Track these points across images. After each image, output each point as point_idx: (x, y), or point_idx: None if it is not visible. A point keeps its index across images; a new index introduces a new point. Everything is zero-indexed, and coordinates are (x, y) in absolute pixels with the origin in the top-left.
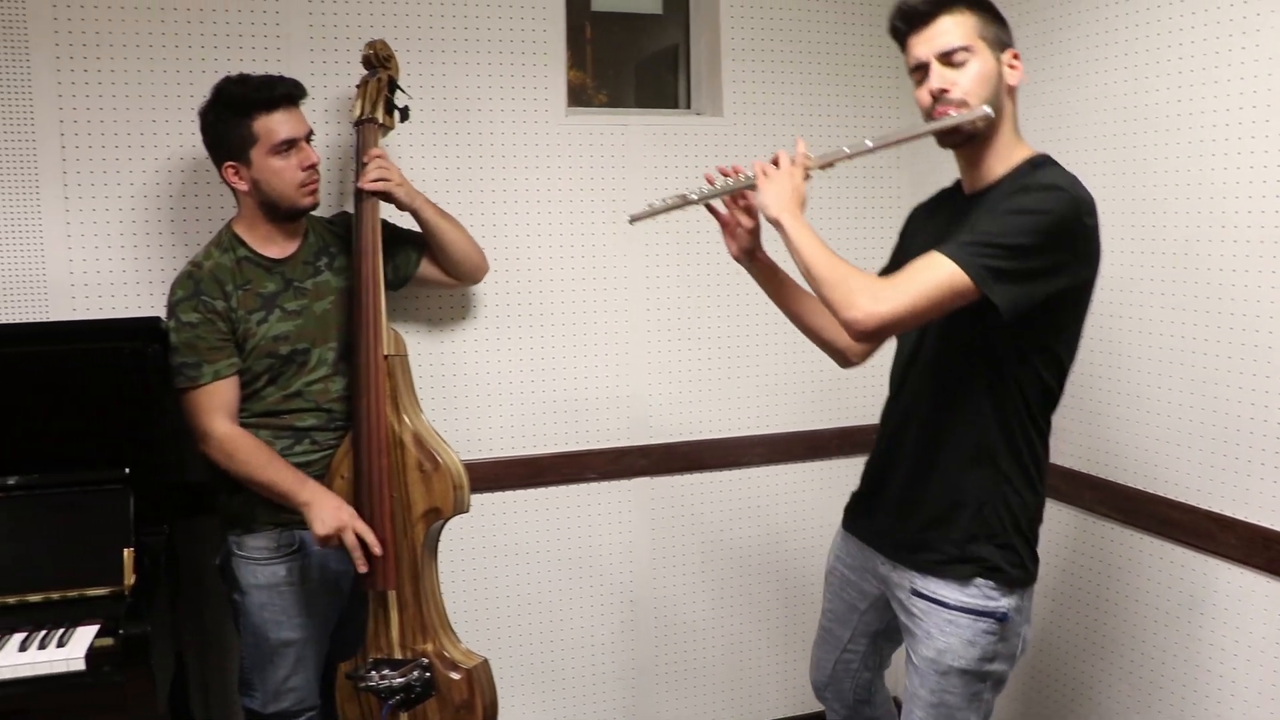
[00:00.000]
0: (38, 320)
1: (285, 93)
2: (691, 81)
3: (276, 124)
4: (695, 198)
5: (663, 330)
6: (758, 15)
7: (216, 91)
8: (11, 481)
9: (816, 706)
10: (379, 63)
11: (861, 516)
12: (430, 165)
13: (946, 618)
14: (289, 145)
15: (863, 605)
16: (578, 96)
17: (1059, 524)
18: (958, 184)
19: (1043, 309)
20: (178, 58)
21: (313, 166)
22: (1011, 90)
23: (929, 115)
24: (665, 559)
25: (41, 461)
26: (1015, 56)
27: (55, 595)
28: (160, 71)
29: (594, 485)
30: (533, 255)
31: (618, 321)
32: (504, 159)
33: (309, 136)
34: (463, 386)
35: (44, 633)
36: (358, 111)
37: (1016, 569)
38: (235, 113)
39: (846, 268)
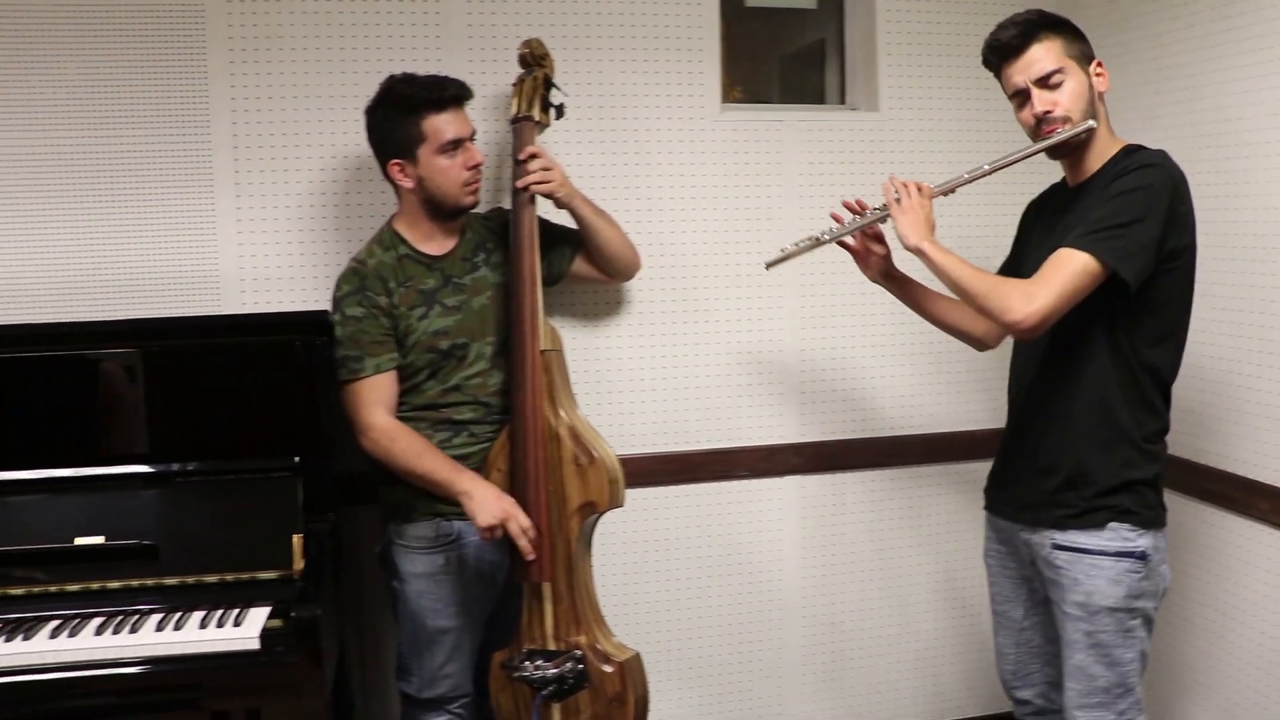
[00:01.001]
0: (209, 314)
1: (454, 94)
2: (846, 76)
3: (445, 124)
4: (827, 238)
5: (815, 327)
6: (915, 6)
7: (385, 90)
8: (190, 468)
9: (960, 713)
10: (535, 61)
11: (997, 491)
12: (584, 162)
13: (1090, 562)
14: (455, 145)
15: (1026, 573)
16: None
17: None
18: (1062, 179)
19: (1156, 273)
20: (342, 59)
21: (477, 166)
22: (1101, 95)
23: (1035, 134)
24: (815, 558)
25: (216, 449)
26: (1099, 65)
27: (229, 577)
28: (326, 73)
29: (745, 483)
30: (685, 252)
31: (770, 318)
32: (657, 156)
33: (473, 136)
34: (615, 382)
35: (220, 612)
36: (514, 109)
37: (1148, 510)
38: (404, 111)
39: (991, 278)
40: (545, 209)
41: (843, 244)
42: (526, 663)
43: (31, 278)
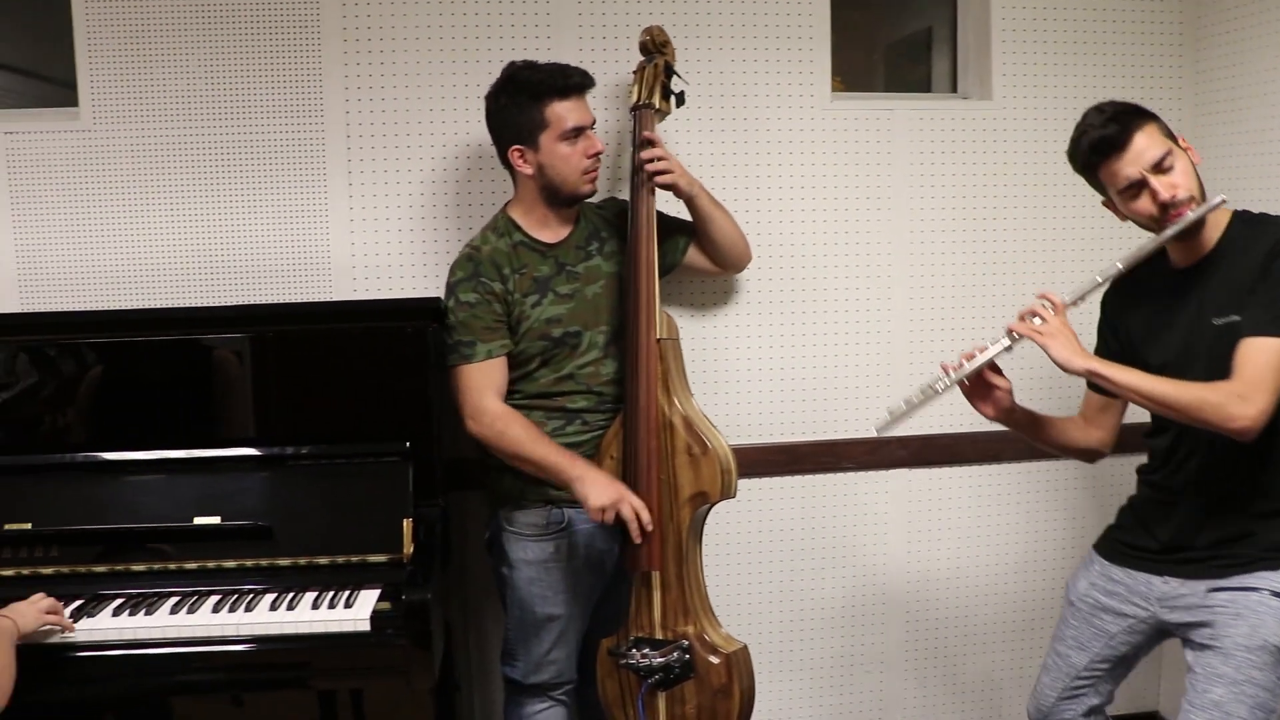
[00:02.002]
0: (321, 300)
1: (578, 82)
2: (958, 63)
3: (567, 111)
4: (942, 388)
5: (924, 320)
6: None
7: (508, 76)
8: (303, 452)
9: None
10: (656, 48)
11: (1129, 548)
12: (697, 150)
13: (1256, 599)
14: (577, 132)
15: (1115, 628)
16: None
17: None
18: (1157, 263)
19: None
20: (453, 49)
21: (597, 155)
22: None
23: (1160, 222)
24: (919, 552)
25: (328, 433)
26: (1183, 140)
27: (340, 559)
28: (437, 63)
29: (851, 475)
30: (795, 242)
31: (879, 310)
32: (769, 144)
33: (592, 125)
34: (723, 371)
35: (332, 593)
36: (635, 97)
37: None
38: (528, 97)
39: (1190, 386)
40: (662, 200)
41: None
42: (633, 650)
43: (151, 263)
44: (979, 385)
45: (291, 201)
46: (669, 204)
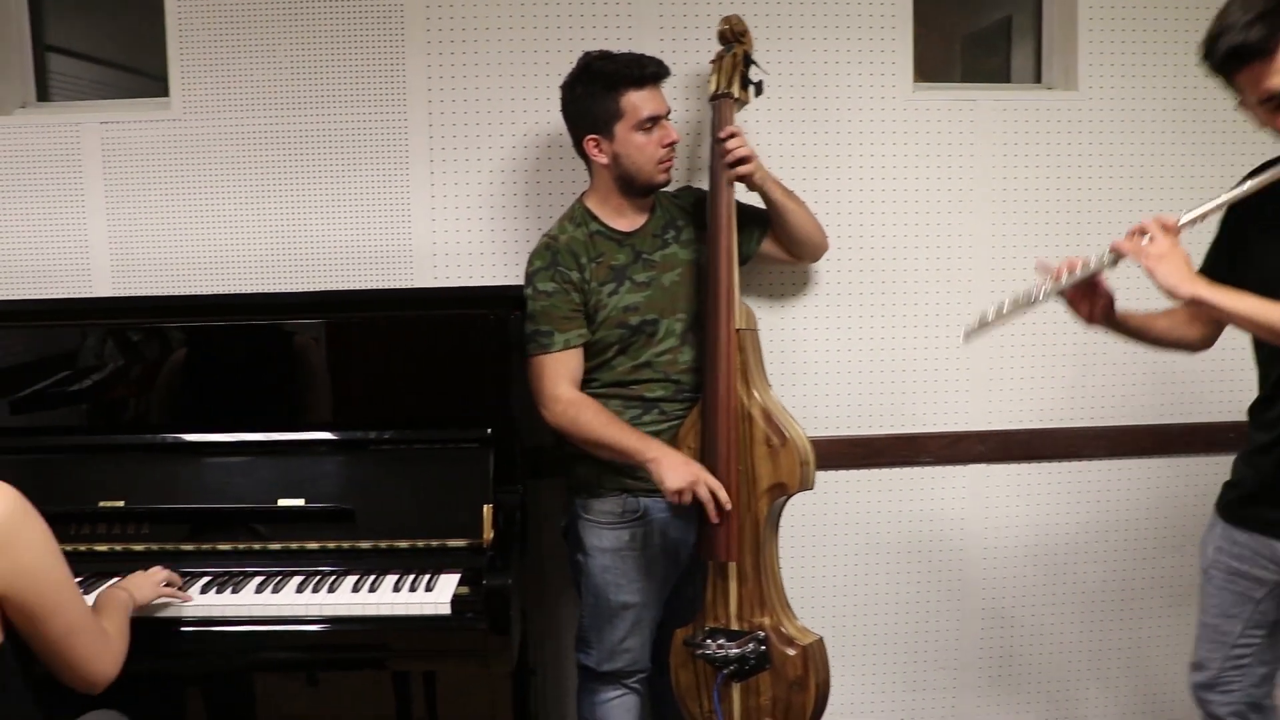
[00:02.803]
0: (403, 287)
1: (653, 72)
2: (1043, 53)
3: (643, 101)
4: (1040, 296)
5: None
6: None
7: (583, 66)
8: (385, 436)
9: None
10: (734, 37)
11: (1252, 507)
12: (775, 141)
13: None
14: (653, 122)
15: (1258, 594)
16: None
17: None
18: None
19: None
20: (534, 39)
21: (672, 144)
22: None
23: None
24: (996, 550)
25: (409, 419)
26: None
27: (419, 543)
28: (518, 51)
29: (928, 469)
30: (874, 233)
31: (959, 303)
32: (848, 136)
33: (668, 115)
34: (799, 363)
35: (413, 576)
36: (714, 86)
37: None
38: (604, 87)
39: None
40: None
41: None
42: (709, 641)
43: (237, 250)
44: (1079, 293)
45: (374, 190)
46: (742, 195)
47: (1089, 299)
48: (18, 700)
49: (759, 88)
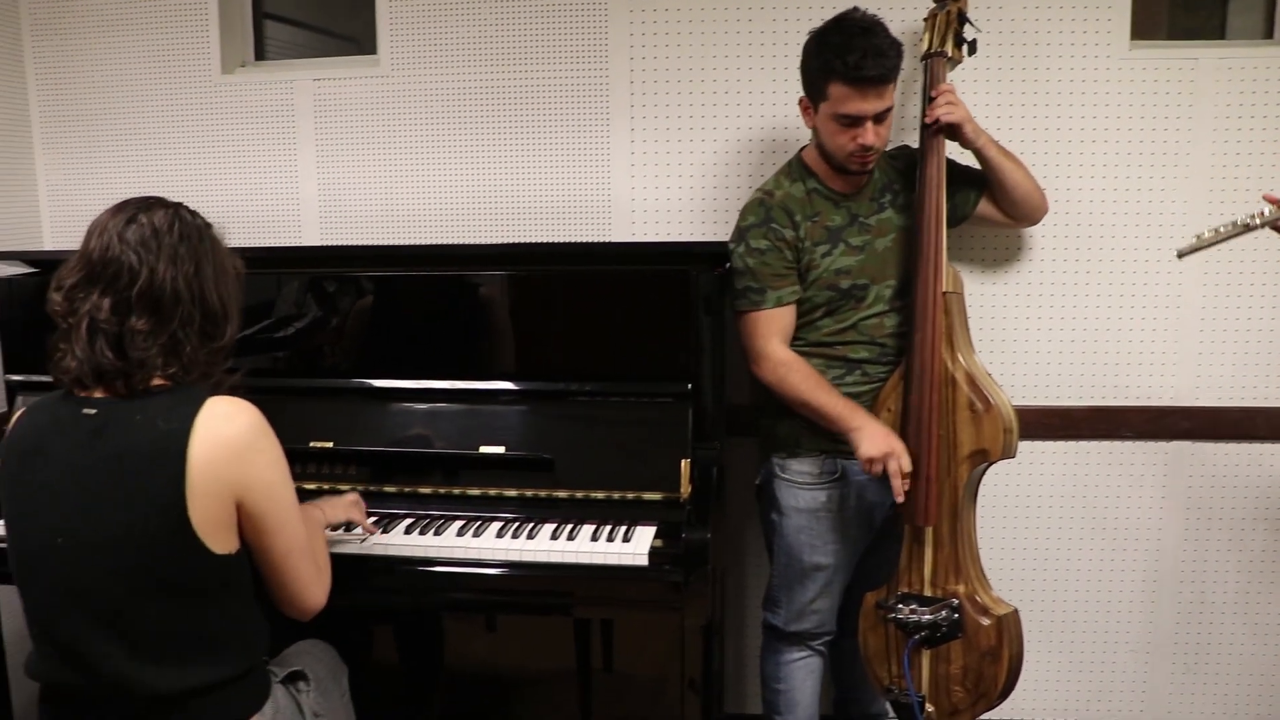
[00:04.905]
0: (603, 240)
1: (875, 75)
2: (1278, 6)
3: (848, 97)
4: (1258, 223)
5: (1221, 287)
6: None
7: (823, 30)
8: (586, 388)
9: None
10: None
11: None
12: (984, 101)
13: None
14: (852, 122)
15: None
16: None
17: None
18: None
19: None
20: (736, 5)
21: (867, 147)
22: None
23: None
24: (1198, 532)
25: (609, 372)
26: None
27: (615, 495)
28: (721, 8)
29: (1129, 444)
30: (1084, 199)
31: (1171, 274)
32: (1061, 96)
33: (881, 115)
34: (999, 329)
35: (610, 527)
36: (926, 44)
37: None
38: (819, 64)
39: None
40: (954, 152)
41: (1276, 228)
42: (901, 605)
43: (440, 203)
44: None
45: (575, 145)
46: (960, 157)
47: None
48: (247, 602)
49: (972, 46)
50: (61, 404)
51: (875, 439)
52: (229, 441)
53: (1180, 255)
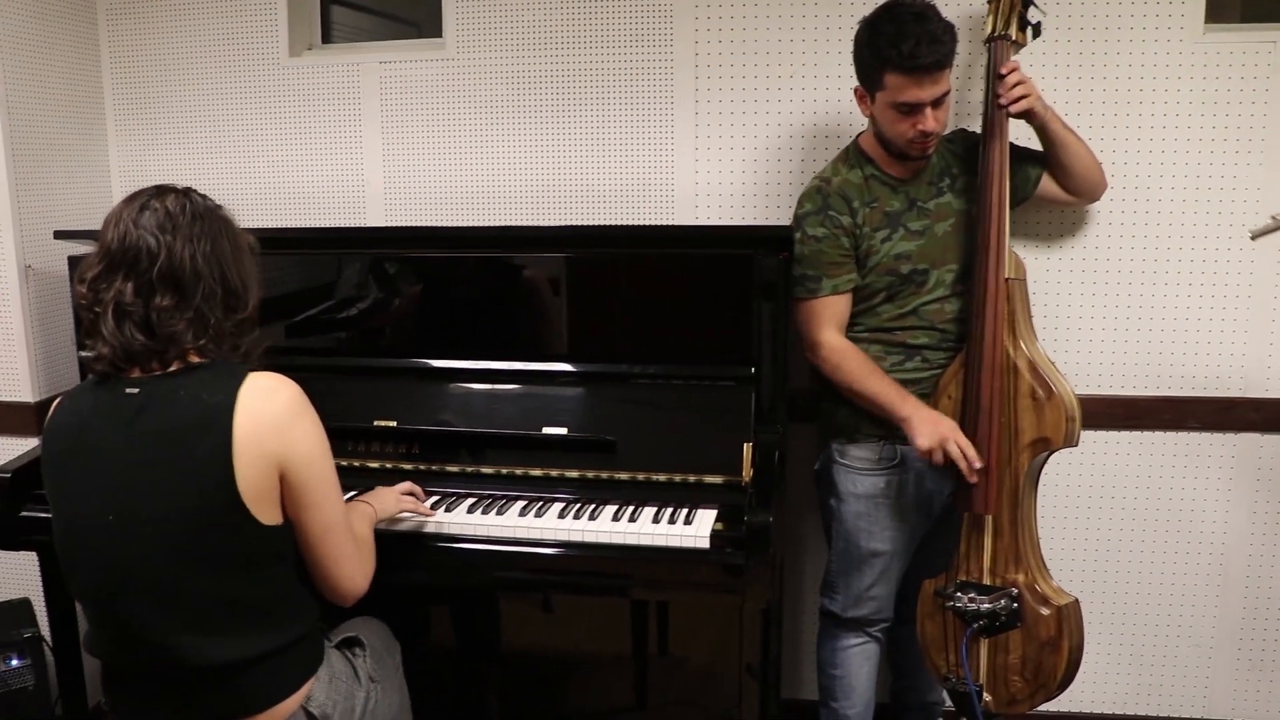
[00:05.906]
0: (667, 224)
1: (930, 63)
2: None
3: (904, 86)
4: None
5: None
6: None
7: (874, 18)
8: (649, 370)
9: None
10: None
11: None
12: (1050, 85)
13: None
14: (910, 109)
15: None
16: None
17: None
18: None
19: None
20: None
21: (927, 133)
22: None
23: None
24: (1267, 526)
25: (672, 355)
26: None
27: (676, 477)
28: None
29: (1195, 435)
30: (1153, 183)
31: (1241, 261)
32: (1131, 80)
33: (939, 100)
34: (1063, 316)
35: (671, 509)
36: (990, 28)
37: None
38: (873, 54)
39: None
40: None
41: None
42: (960, 593)
43: (504, 185)
44: None
45: (639, 129)
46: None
47: None
48: (289, 576)
49: (1037, 29)
50: (101, 388)
51: (924, 429)
52: (273, 414)
53: (1254, 236)
